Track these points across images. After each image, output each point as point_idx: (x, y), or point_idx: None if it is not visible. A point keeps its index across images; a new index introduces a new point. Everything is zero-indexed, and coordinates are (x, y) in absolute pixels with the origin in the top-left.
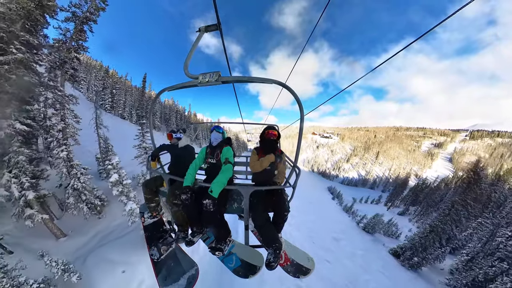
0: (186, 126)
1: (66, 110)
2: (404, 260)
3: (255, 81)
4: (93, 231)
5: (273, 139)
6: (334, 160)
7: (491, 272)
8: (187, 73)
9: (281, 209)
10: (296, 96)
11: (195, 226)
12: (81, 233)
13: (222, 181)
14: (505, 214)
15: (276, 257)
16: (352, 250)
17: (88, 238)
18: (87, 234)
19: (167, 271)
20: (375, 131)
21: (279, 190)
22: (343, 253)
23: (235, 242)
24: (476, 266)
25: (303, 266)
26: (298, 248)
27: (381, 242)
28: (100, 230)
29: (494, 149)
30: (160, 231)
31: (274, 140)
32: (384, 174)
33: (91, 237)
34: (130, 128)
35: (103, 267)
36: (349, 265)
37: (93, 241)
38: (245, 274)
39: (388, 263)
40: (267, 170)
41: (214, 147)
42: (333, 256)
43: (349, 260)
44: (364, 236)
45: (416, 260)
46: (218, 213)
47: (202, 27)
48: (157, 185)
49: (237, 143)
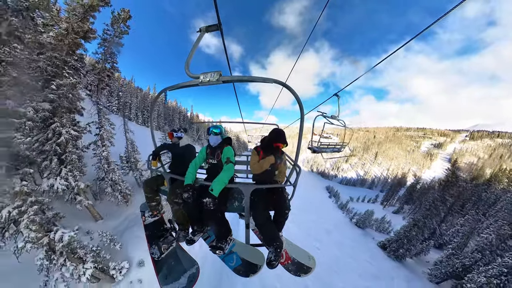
0: (188, 126)
1: (104, 119)
2: (390, 251)
3: (256, 81)
4: (124, 216)
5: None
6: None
7: (467, 263)
8: (188, 73)
9: (282, 208)
10: (296, 96)
11: (196, 224)
12: (114, 217)
13: (223, 180)
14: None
15: (277, 256)
16: (341, 240)
17: (120, 221)
18: (119, 218)
19: (167, 269)
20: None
21: (279, 188)
22: (333, 242)
23: (236, 241)
24: (457, 258)
25: (304, 264)
26: (299, 247)
27: (371, 236)
28: (128, 214)
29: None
30: (161, 230)
31: (277, 147)
32: (382, 174)
33: (122, 220)
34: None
35: (135, 241)
36: (337, 252)
37: (124, 223)
38: (245, 273)
39: (374, 254)
40: (267, 171)
41: (214, 148)
42: (322, 244)
43: (337, 249)
44: (355, 230)
45: (401, 252)
46: (219, 212)
47: (203, 27)
48: (158, 184)
49: (238, 143)
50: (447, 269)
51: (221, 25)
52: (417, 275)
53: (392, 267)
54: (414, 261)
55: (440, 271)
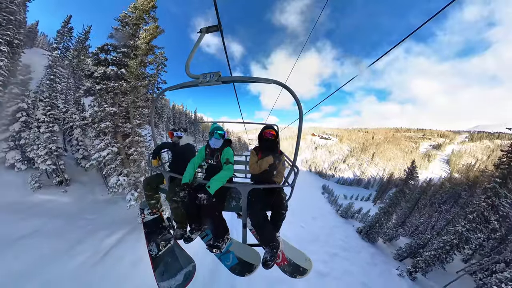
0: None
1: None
2: (363, 234)
3: (255, 81)
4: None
5: (271, 139)
6: (331, 161)
7: (421, 242)
8: (188, 73)
9: (279, 208)
10: (295, 96)
11: (194, 223)
12: None
13: (221, 179)
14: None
15: (273, 256)
16: (323, 224)
17: None
18: None
19: (164, 266)
20: (374, 133)
21: (277, 189)
22: (316, 226)
23: (233, 240)
24: (415, 241)
25: (300, 266)
26: (296, 248)
27: (352, 224)
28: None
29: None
30: (160, 227)
31: (272, 140)
32: (378, 174)
33: None
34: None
35: None
36: (317, 231)
37: None
38: (241, 272)
39: (349, 235)
40: (266, 171)
41: (214, 149)
42: (307, 225)
43: (319, 229)
44: (339, 219)
45: (372, 235)
46: (216, 210)
47: (203, 28)
48: (158, 182)
49: (239, 144)
50: (408, 249)
51: (221, 26)
52: (383, 253)
53: (363, 245)
54: (386, 245)
55: (403, 250)
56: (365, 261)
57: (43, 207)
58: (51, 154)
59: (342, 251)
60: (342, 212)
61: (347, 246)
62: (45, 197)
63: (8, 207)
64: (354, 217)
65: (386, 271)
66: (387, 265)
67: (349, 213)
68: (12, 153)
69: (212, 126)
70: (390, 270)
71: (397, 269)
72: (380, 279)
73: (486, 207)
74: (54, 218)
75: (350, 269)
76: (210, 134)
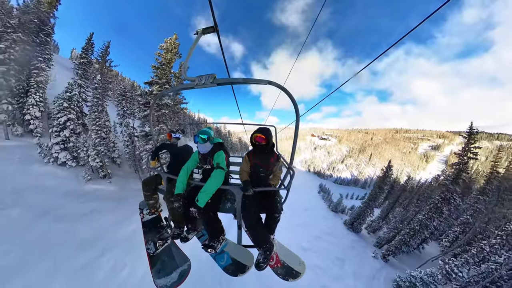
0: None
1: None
2: (349, 225)
3: (249, 83)
4: None
5: (262, 143)
6: (329, 161)
7: (396, 230)
8: (184, 76)
9: (273, 211)
10: (291, 97)
11: (191, 223)
12: None
13: (210, 190)
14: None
15: (266, 258)
16: (313, 215)
17: None
18: None
19: (161, 264)
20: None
21: (272, 192)
22: (306, 215)
23: (228, 241)
24: (391, 228)
25: (293, 269)
26: (291, 251)
27: (340, 217)
28: None
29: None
30: (158, 227)
31: (263, 145)
32: (375, 174)
33: None
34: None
35: None
36: (306, 219)
37: None
38: (234, 272)
39: (335, 225)
40: (260, 175)
41: (205, 154)
42: (298, 214)
43: (308, 218)
44: (329, 212)
45: (355, 224)
46: (211, 211)
47: (200, 30)
48: (156, 183)
49: (239, 144)
50: (386, 237)
51: (217, 27)
52: (364, 241)
53: (347, 233)
54: (370, 235)
55: (381, 238)
56: (346, 245)
57: (95, 194)
58: (99, 154)
59: (326, 235)
60: (333, 206)
61: (331, 232)
62: (96, 186)
63: (69, 194)
64: (345, 212)
65: (362, 253)
66: (364, 249)
67: (339, 208)
68: (64, 153)
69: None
70: (367, 253)
71: (373, 252)
72: (356, 258)
73: (440, 200)
74: (106, 201)
75: (330, 248)
76: (195, 142)
